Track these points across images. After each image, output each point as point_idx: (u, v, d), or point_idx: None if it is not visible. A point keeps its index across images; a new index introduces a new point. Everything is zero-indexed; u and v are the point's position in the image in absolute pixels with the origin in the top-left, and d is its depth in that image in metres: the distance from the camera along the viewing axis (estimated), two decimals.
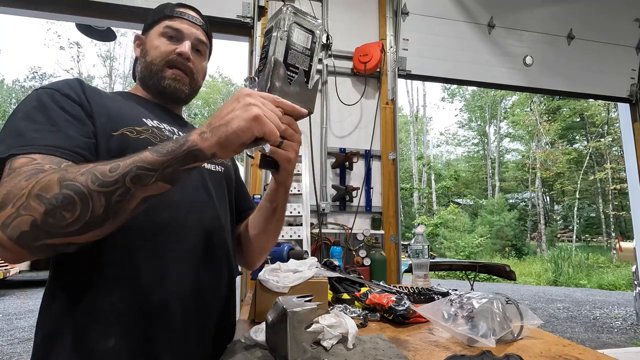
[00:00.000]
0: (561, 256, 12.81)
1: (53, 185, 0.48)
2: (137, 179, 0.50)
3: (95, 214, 0.49)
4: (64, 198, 0.48)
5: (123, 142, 0.65)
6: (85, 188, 0.48)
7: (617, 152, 16.33)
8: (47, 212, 0.47)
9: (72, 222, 0.48)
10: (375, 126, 2.29)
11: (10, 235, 0.48)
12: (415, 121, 23.00)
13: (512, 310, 0.86)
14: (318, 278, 1.00)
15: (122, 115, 0.70)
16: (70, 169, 0.51)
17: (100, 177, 0.49)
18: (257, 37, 2.14)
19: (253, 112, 0.52)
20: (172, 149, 0.52)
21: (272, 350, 0.70)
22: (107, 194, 0.49)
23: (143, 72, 0.83)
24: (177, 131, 0.80)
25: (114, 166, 0.50)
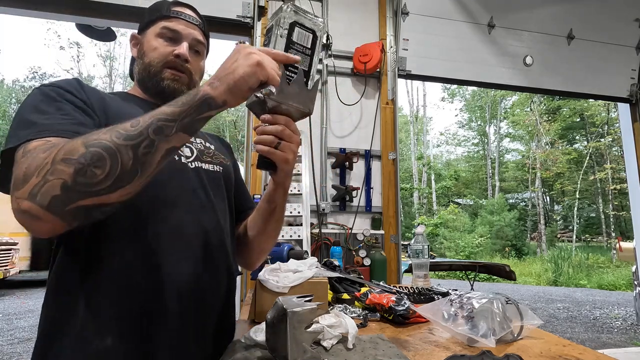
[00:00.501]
0: (561, 256, 12.80)
1: (78, 147, 0.50)
2: (159, 130, 0.53)
3: (124, 168, 0.51)
4: (93, 155, 0.49)
5: None
6: (112, 143, 0.50)
7: (617, 152, 16.33)
8: (77, 171, 0.49)
9: (103, 179, 0.50)
10: (375, 126, 2.29)
11: (41, 202, 0.49)
12: (415, 121, 23.00)
13: (512, 310, 0.86)
14: (318, 278, 1.00)
15: (121, 115, 0.69)
16: (90, 134, 0.53)
17: (124, 132, 0.51)
18: (257, 37, 2.14)
19: (255, 59, 0.57)
20: (187, 100, 0.55)
21: (272, 350, 0.70)
22: (133, 146, 0.51)
23: (141, 73, 0.83)
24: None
25: (134, 122, 0.53)
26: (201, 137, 0.88)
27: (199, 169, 0.79)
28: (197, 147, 0.83)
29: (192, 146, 0.82)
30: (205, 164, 0.81)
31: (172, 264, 0.67)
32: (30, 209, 0.49)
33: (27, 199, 0.49)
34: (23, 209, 0.50)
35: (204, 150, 0.84)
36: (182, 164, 0.75)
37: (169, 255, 0.67)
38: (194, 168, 0.78)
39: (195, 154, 0.80)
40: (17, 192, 0.51)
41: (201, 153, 0.82)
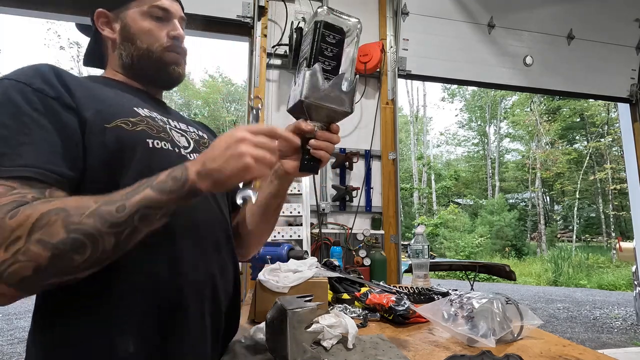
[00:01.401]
0: (561, 256, 12.80)
1: (58, 229, 0.47)
2: (144, 218, 0.51)
3: (104, 253, 0.50)
4: (74, 242, 0.47)
5: (119, 136, 0.60)
6: (95, 230, 0.48)
7: (617, 152, 16.32)
8: (54, 256, 0.46)
9: (81, 263, 0.48)
10: (375, 126, 2.29)
11: (8, 281, 0.46)
12: (415, 121, 22.99)
13: (512, 310, 0.86)
14: (318, 278, 1.00)
15: (114, 104, 0.64)
16: (69, 207, 0.49)
17: (109, 219, 0.49)
18: (257, 37, 2.14)
19: (243, 162, 0.54)
20: (174, 188, 0.53)
21: (272, 350, 0.70)
22: (117, 234, 0.50)
23: (136, 59, 0.76)
24: (168, 120, 0.74)
25: (120, 207, 0.50)
26: (192, 125, 0.82)
27: None
28: (193, 137, 0.77)
29: (188, 135, 0.76)
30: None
31: (188, 261, 0.63)
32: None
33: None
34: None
35: (199, 140, 0.79)
36: (182, 156, 0.69)
37: (185, 252, 0.63)
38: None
39: (192, 145, 0.75)
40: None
41: (197, 143, 0.77)
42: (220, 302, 0.68)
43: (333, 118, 0.69)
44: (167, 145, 0.66)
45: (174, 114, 0.83)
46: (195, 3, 2.07)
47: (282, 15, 2.21)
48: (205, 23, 2.14)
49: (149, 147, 0.63)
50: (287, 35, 2.16)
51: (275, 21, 2.22)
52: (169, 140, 0.68)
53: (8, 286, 0.46)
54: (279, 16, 2.22)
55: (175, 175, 0.54)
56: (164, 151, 0.65)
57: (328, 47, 0.68)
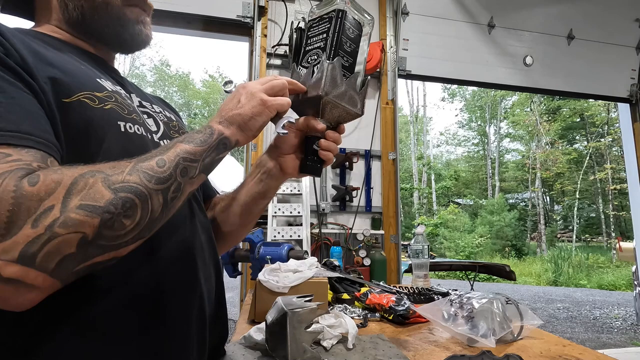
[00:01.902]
0: (561, 256, 12.81)
1: (101, 191, 0.39)
2: (185, 172, 0.48)
3: (154, 215, 0.44)
4: (124, 202, 0.40)
5: (84, 114, 0.48)
6: (144, 187, 0.42)
7: (617, 152, 16.33)
8: (103, 223, 0.38)
9: (130, 230, 0.41)
10: (375, 126, 2.29)
11: (42, 266, 0.35)
12: (415, 121, 22.99)
13: (512, 310, 0.86)
14: (318, 278, 1.00)
15: (71, 71, 0.51)
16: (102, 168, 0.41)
17: (154, 174, 0.44)
18: (257, 37, 2.14)
19: (259, 98, 0.56)
20: (204, 139, 0.51)
21: (272, 350, 0.70)
22: (164, 190, 0.45)
23: (90, 13, 0.60)
24: (132, 96, 0.63)
25: (160, 161, 0.45)
26: (155, 103, 0.70)
27: None
28: (161, 119, 0.65)
29: (156, 117, 0.64)
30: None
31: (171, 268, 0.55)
32: (21, 275, 0.35)
33: (16, 262, 0.34)
34: (5, 276, 0.34)
35: (169, 123, 0.67)
36: (154, 143, 0.58)
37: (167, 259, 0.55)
38: None
39: (162, 129, 0.63)
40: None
41: (167, 126, 0.65)
42: (205, 311, 0.60)
43: (344, 119, 0.66)
44: (140, 130, 0.55)
45: (133, 87, 0.69)
46: (195, 3, 2.07)
47: (282, 15, 2.21)
48: (205, 23, 2.14)
49: (121, 132, 0.52)
50: (287, 35, 2.16)
51: (275, 21, 2.22)
52: (141, 124, 0.56)
53: (43, 272, 0.36)
54: (279, 16, 2.22)
55: (198, 129, 0.52)
56: (139, 137, 0.54)
57: (347, 42, 0.64)
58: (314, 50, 0.65)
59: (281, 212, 1.98)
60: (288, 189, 2.03)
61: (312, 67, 0.64)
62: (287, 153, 0.68)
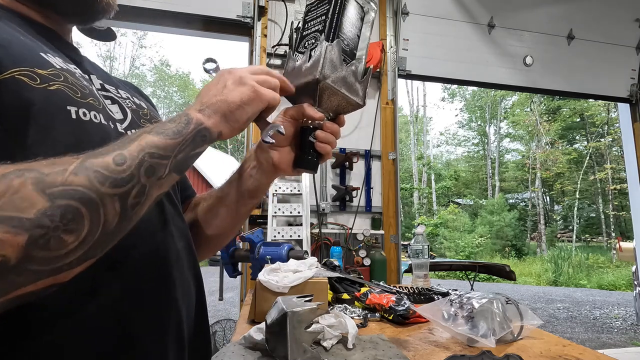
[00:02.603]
0: (561, 256, 12.82)
1: (30, 196, 0.29)
2: (151, 171, 0.38)
3: (107, 229, 0.34)
4: (64, 212, 0.30)
5: (21, 95, 0.38)
6: (94, 192, 0.32)
7: (617, 152, 16.33)
8: (32, 241, 0.28)
9: (75, 248, 0.31)
10: (375, 126, 2.29)
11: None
12: (415, 121, 23.00)
13: (512, 310, 0.86)
14: (318, 278, 1.00)
15: (6, 43, 0.40)
16: (36, 166, 0.31)
17: (109, 174, 0.34)
18: (257, 37, 2.14)
19: (249, 85, 0.48)
20: (178, 129, 0.41)
21: (272, 350, 0.70)
22: (122, 195, 0.34)
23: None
24: (91, 78, 0.53)
25: (118, 157, 0.35)
26: (122, 87, 0.59)
27: None
28: (129, 106, 0.55)
29: (121, 102, 0.54)
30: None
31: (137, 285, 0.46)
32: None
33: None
34: None
35: (138, 110, 0.57)
36: (118, 132, 0.49)
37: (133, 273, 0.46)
38: None
39: (129, 117, 0.54)
40: None
41: (136, 114, 0.56)
42: (183, 331, 0.52)
43: (344, 109, 0.59)
44: (99, 117, 0.45)
45: (95, 68, 0.58)
46: (195, 3, 2.07)
47: (282, 15, 2.21)
48: (205, 23, 2.14)
49: (72, 119, 0.42)
50: (287, 35, 2.16)
51: (275, 21, 2.22)
52: (100, 110, 0.46)
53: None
54: (279, 16, 2.22)
55: (172, 118, 0.43)
56: (96, 126, 0.44)
57: (348, 25, 0.59)
58: (312, 34, 0.59)
59: (281, 212, 1.98)
60: (288, 189, 2.03)
61: (309, 51, 0.57)
62: (281, 146, 0.59)
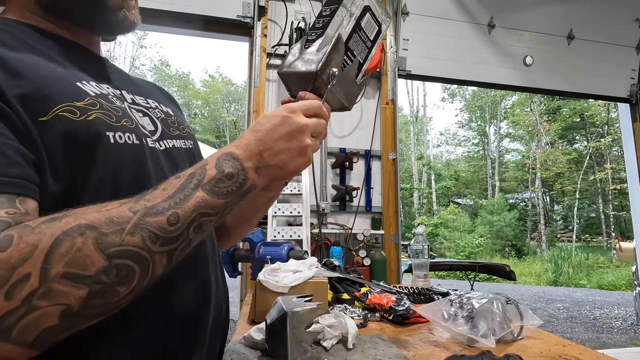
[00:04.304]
0: (561, 256, 12.81)
1: (92, 255, 0.33)
2: (199, 228, 0.40)
3: (153, 278, 0.38)
4: (120, 270, 0.34)
5: (65, 131, 0.41)
6: (147, 251, 0.36)
7: (617, 152, 16.33)
8: (92, 294, 0.33)
9: (125, 295, 0.36)
10: (375, 126, 2.29)
11: (19, 340, 0.31)
12: (415, 121, 23.00)
13: (512, 310, 0.86)
14: (318, 278, 1.00)
15: (46, 80, 0.43)
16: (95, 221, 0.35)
17: (162, 235, 0.37)
18: (257, 37, 2.14)
19: (308, 158, 0.49)
20: (232, 189, 0.43)
21: (272, 350, 0.70)
22: (169, 252, 0.38)
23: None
24: (123, 93, 0.55)
25: (172, 216, 0.38)
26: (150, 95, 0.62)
27: (171, 151, 0.56)
28: (158, 116, 0.58)
29: (151, 114, 0.57)
30: (176, 140, 0.59)
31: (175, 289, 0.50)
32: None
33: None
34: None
35: (167, 119, 0.59)
36: (151, 150, 0.51)
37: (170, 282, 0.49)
38: (165, 151, 0.55)
39: (160, 128, 0.56)
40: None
41: (165, 124, 0.58)
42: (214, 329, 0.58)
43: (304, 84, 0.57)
44: (132, 138, 0.48)
45: (124, 79, 0.61)
46: (195, 3, 2.07)
47: (282, 15, 2.21)
48: (205, 23, 2.14)
49: (111, 144, 0.45)
50: (287, 35, 2.16)
51: (275, 21, 2.22)
52: (133, 130, 0.49)
53: (20, 345, 0.32)
54: (279, 16, 2.22)
55: (229, 172, 0.43)
56: (130, 147, 0.47)
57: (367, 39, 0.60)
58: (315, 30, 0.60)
59: (281, 212, 1.98)
60: (288, 188, 2.03)
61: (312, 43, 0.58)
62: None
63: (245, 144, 0.46)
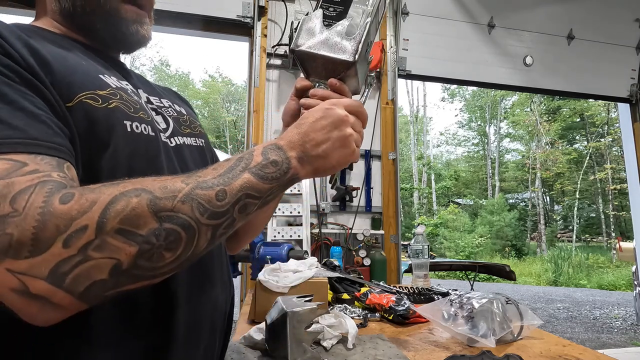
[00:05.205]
0: (561, 256, 12.81)
1: (145, 215, 0.35)
2: (244, 209, 0.42)
3: (197, 250, 0.40)
4: (168, 234, 0.36)
5: (89, 116, 0.45)
6: (194, 221, 0.38)
7: (617, 152, 16.33)
8: (141, 253, 0.35)
9: (169, 262, 0.38)
10: (375, 126, 2.29)
11: (71, 288, 0.33)
12: (415, 121, 23.00)
13: (512, 310, 0.86)
14: (318, 278, 1.00)
15: (72, 70, 0.47)
16: (150, 187, 0.37)
17: (209, 207, 0.39)
18: (257, 37, 2.14)
19: (352, 149, 0.49)
20: (276, 176, 0.44)
21: (272, 350, 0.70)
22: (215, 226, 0.40)
23: (81, 6, 0.55)
24: (139, 91, 0.59)
25: (220, 192, 0.40)
26: (164, 96, 0.66)
27: (181, 148, 0.59)
28: (170, 115, 0.61)
29: (164, 112, 0.60)
30: (186, 138, 0.61)
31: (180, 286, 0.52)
32: (49, 294, 0.33)
33: (44, 279, 0.32)
34: (34, 292, 0.33)
35: (179, 118, 0.63)
36: (164, 143, 0.54)
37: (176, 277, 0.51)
38: (176, 147, 0.57)
39: (171, 126, 0.59)
40: (14, 260, 0.32)
41: (177, 122, 0.62)
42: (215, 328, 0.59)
43: (333, 71, 0.55)
44: (147, 129, 0.51)
45: (141, 81, 0.65)
46: (195, 3, 2.07)
47: (282, 15, 2.21)
48: (205, 23, 2.14)
49: (127, 132, 0.48)
50: (287, 35, 2.16)
51: (275, 21, 2.22)
52: (149, 122, 0.52)
53: (70, 294, 0.33)
54: (279, 16, 2.22)
55: (274, 159, 0.45)
56: (146, 137, 0.50)
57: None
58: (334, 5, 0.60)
59: (281, 212, 1.98)
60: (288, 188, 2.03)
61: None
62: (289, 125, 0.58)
63: (289, 136, 0.48)
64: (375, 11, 0.57)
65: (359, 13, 0.57)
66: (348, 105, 0.51)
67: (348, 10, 0.58)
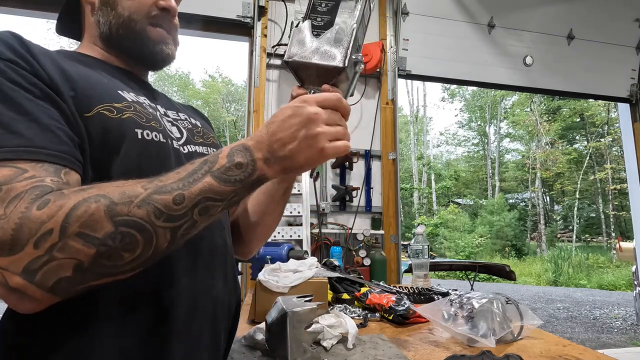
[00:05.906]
0: (561, 256, 12.81)
1: (101, 220, 0.39)
2: (204, 211, 0.44)
3: (157, 250, 0.42)
4: (123, 237, 0.39)
5: (103, 125, 0.50)
6: (149, 224, 0.41)
7: (617, 152, 16.33)
8: (99, 254, 0.39)
9: (130, 261, 0.41)
10: (375, 126, 2.29)
11: (41, 283, 0.38)
12: (415, 121, 22.99)
13: (512, 310, 0.86)
14: (318, 278, 1.00)
15: (93, 86, 0.53)
16: (110, 193, 0.40)
17: (166, 211, 0.41)
18: (257, 37, 2.14)
19: (319, 147, 0.48)
20: (240, 178, 0.46)
21: (272, 350, 0.70)
22: (173, 228, 0.42)
23: (114, 29, 0.63)
24: (157, 106, 0.64)
25: (178, 196, 0.42)
26: (182, 110, 0.72)
27: (193, 154, 0.63)
28: (185, 126, 0.67)
29: (179, 124, 0.66)
30: (199, 146, 0.66)
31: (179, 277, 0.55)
32: (23, 287, 0.38)
33: (19, 275, 0.37)
34: (11, 286, 0.38)
35: (193, 129, 0.68)
36: (175, 149, 0.59)
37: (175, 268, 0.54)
38: (188, 154, 0.62)
39: (185, 135, 0.65)
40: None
41: (191, 133, 0.67)
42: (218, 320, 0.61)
43: (325, 78, 0.57)
44: (158, 137, 0.56)
45: (162, 98, 0.73)
46: (195, 3, 2.07)
47: (282, 15, 2.21)
48: (205, 23, 2.14)
49: (138, 139, 0.53)
50: (287, 35, 2.16)
51: (275, 21, 2.22)
52: (160, 130, 0.57)
53: (42, 290, 0.38)
54: (279, 16, 2.22)
55: (239, 161, 0.46)
56: (155, 144, 0.55)
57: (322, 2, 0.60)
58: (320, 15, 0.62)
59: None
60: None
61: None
62: None
63: (258, 136, 0.49)
64: (360, 17, 0.59)
65: (345, 20, 0.59)
66: (322, 101, 0.51)
67: (335, 19, 0.60)
